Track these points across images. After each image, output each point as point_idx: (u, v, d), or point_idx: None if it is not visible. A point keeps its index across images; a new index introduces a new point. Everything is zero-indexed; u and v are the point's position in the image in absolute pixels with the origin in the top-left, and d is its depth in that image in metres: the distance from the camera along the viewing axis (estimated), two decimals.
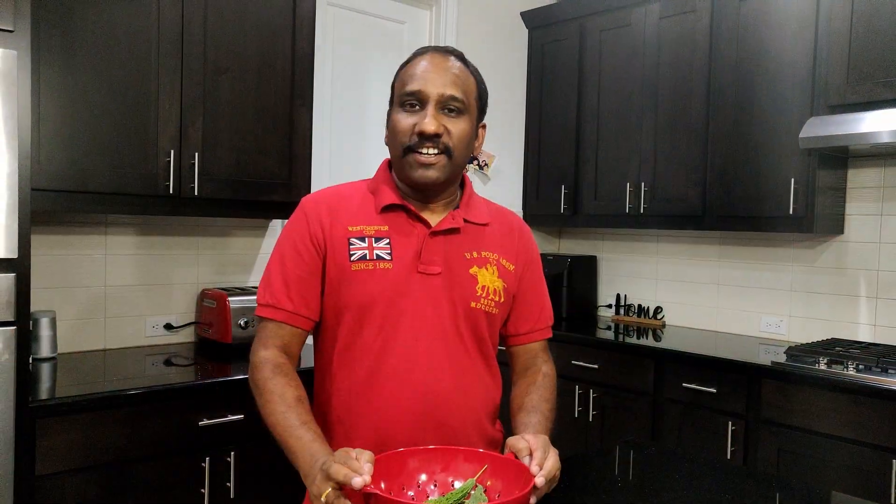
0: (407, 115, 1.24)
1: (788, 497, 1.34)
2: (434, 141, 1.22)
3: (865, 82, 2.47)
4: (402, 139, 1.24)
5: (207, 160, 2.31)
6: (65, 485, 1.83)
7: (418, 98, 1.23)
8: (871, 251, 2.81)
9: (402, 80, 1.27)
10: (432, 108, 1.22)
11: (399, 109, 1.26)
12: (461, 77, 1.26)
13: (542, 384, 1.36)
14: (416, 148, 1.23)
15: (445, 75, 1.24)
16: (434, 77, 1.23)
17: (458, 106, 1.24)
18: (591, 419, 3.00)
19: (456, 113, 1.24)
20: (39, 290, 2.29)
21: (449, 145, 1.23)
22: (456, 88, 1.24)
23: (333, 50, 3.07)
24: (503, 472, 1.07)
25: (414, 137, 1.23)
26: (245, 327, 2.45)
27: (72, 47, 2.06)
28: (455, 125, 1.24)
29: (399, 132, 1.24)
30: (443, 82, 1.23)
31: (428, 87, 1.23)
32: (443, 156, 1.23)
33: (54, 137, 2.03)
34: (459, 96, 1.24)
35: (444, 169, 1.24)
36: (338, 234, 1.27)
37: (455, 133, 1.24)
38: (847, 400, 2.28)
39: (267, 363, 1.24)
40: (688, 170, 3.05)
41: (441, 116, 1.23)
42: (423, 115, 1.22)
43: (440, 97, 1.23)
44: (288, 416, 1.17)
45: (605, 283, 3.76)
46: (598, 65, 3.41)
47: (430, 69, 1.24)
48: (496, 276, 1.32)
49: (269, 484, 2.19)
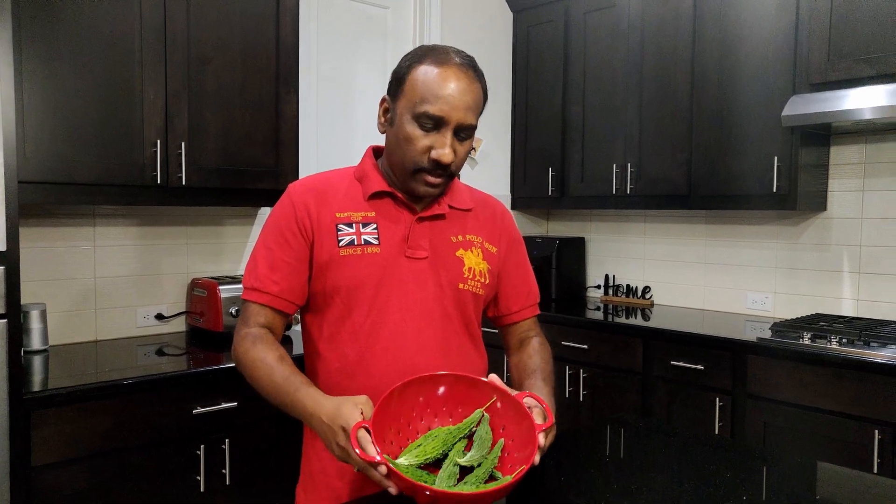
0: (423, 134, 1.22)
1: (775, 469, 1.38)
2: (445, 169, 1.24)
3: (846, 60, 2.49)
4: (416, 157, 1.23)
5: (194, 149, 2.31)
6: (61, 475, 1.84)
7: (437, 122, 1.21)
8: (853, 227, 2.85)
9: (421, 93, 1.21)
10: (451, 137, 1.22)
11: (414, 124, 1.22)
12: (478, 100, 1.25)
13: (541, 350, 1.42)
14: (427, 171, 1.24)
15: (467, 99, 1.22)
16: (457, 103, 1.21)
17: (470, 133, 1.26)
18: (582, 399, 3.03)
19: (466, 138, 1.26)
20: (29, 282, 2.29)
21: (454, 170, 1.26)
22: (474, 116, 1.24)
23: (318, 36, 3.06)
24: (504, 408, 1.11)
25: (427, 161, 1.22)
26: (236, 315, 2.45)
27: (54, 38, 2.04)
28: (463, 147, 1.26)
29: (413, 150, 1.23)
30: (464, 108, 1.21)
31: (451, 115, 1.20)
32: (447, 178, 1.27)
33: (39, 130, 2.02)
34: (474, 123, 1.25)
35: (446, 185, 1.29)
36: (325, 221, 1.28)
37: (461, 155, 1.26)
38: (830, 373, 2.33)
39: (247, 337, 1.26)
40: (673, 150, 3.07)
41: (454, 142, 1.23)
42: (440, 141, 1.21)
43: (459, 125, 1.22)
44: (274, 377, 1.20)
45: (594, 265, 3.79)
46: (583, 47, 3.42)
47: (456, 94, 1.21)
48: (481, 259, 1.36)
49: (265, 470, 2.21)
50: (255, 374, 1.23)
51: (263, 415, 2.20)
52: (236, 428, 2.14)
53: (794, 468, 1.39)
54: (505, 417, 1.11)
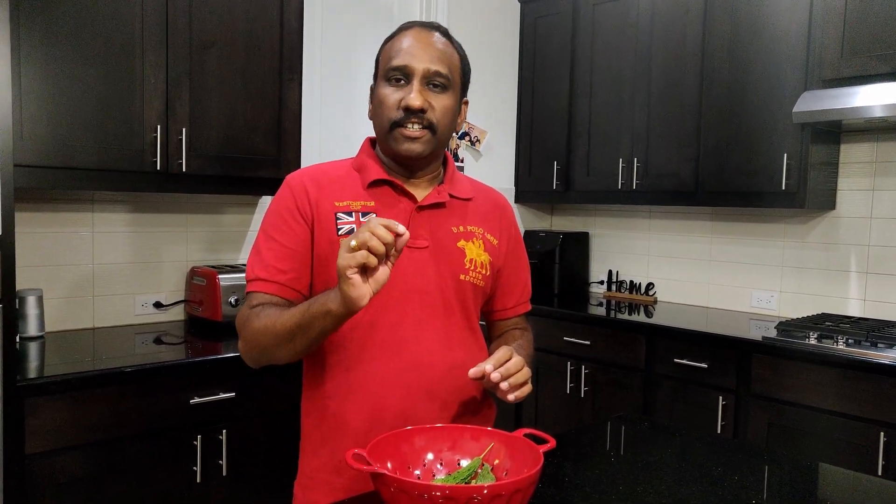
0: (393, 89, 1.25)
1: (778, 469, 1.35)
2: (419, 116, 1.23)
3: (859, 56, 2.45)
4: (389, 114, 1.25)
5: (195, 136, 2.28)
6: (55, 463, 1.82)
7: (403, 73, 1.24)
8: (862, 226, 2.82)
9: (388, 55, 1.26)
10: (418, 84, 1.23)
11: (384, 84, 1.26)
12: (446, 53, 1.27)
13: (522, 335, 1.41)
14: (401, 123, 1.24)
15: (431, 51, 1.25)
16: (420, 52, 1.24)
17: (443, 81, 1.25)
18: (583, 395, 3.01)
19: (440, 88, 1.26)
20: (26, 268, 2.27)
21: (433, 121, 1.25)
22: (441, 64, 1.25)
23: (322, 23, 3.02)
24: (511, 450, 1.07)
25: (399, 112, 1.23)
26: (235, 305, 2.43)
27: (53, 19, 2.00)
28: (439, 101, 1.25)
29: (385, 107, 1.25)
30: (428, 58, 1.24)
31: (413, 63, 1.23)
32: (427, 131, 1.25)
33: (37, 113, 1.99)
34: (444, 72, 1.25)
35: (429, 143, 1.26)
36: (325, 210, 1.27)
37: (439, 108, 1.25)
38: (836, 374, 2.30)
39: (251, 312, 1.21)
40: (680, 145, 3.04)
41: (426, 92, 1.24)
42: (409, 90, 1.23)
43: (425, 72, 1.23)
44: (285, 313, 1.15)
45: (597, 260, 3.76)
46: (590, 39, 3.38)
47: (416, 45, 1.24)
48: (482, 250, 1.34)
49: (262, 462, 2.19)
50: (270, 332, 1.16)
51: (261, 406, 2.18)
52: (234, 419, 2.12)
53: (797, 469, 1.36)
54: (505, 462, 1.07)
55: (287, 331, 1.14)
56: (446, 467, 1.08)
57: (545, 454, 1.01)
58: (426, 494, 0.89)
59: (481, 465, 1.06)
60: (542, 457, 0.99)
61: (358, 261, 1.00)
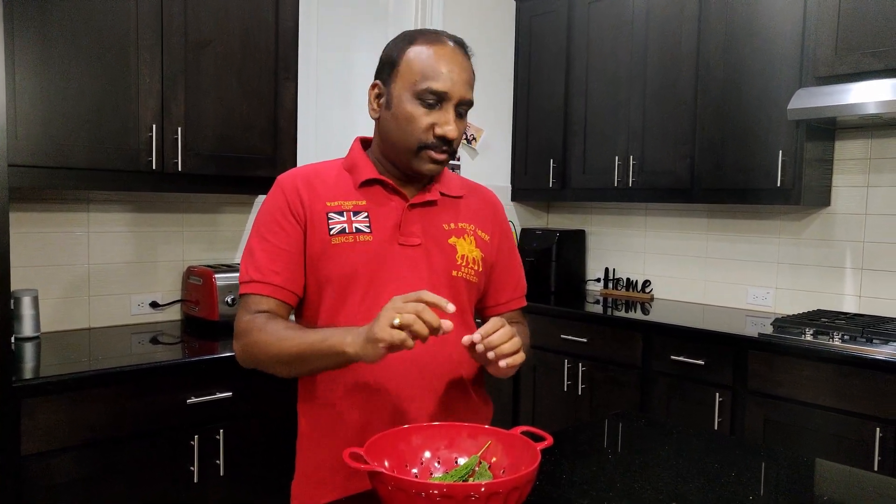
0: (425, 111, 1.22)
1: (774, 465, 1.36)
2: (450, 144, 1.24)
3: (854, 53, 2.46)
4: (419, 135, 1.23)
5: (190, 135, 2.27)
6: (51, 465, 1.81)
7: (440, 97, 1.22)
8: (857, 223, 2.83)
9: (423, 73, 1.22)
10: (454, 113, 1.23)
11: (415, 102, 1.22)
12: (473, 76, 1.28)
13: (519, 328, 1.40)
14: (432, 147, 1.24)
15: (465, 76, 1.24)
16: (458, 78, 1.23)
17: (467, 108, 1.27)
18: (581, 393, 3.01)
19: (464, 114, 1.27)
20: (21, 268, 2.26)
21: (455, 147, 1.27)
22: (471, 91, 1.27)
23: (318, 22, 3.01)
24: (508, 448, 1.07)
25: (432, 137, 1.23)
26: (232, 304, 2.43)
27: (47, 18, 1.99)
28: (462, 125, 1.26)
29: (416, 127, 1.23)
30: (464, 84, 1.24)
31: (454, 90, 1.22)
32: (448, 154, 1.26)
33: (31, 112, 1.98)
34: (471, 98, 1.26)
35: (447, 162, 1.28)
36: (317, 209, 1.27)
37: (460, 132, 1.26)
38: (832, 370, 2.30)
39: (255, 320, 1.22)
40: (676, 143, 3.04)
41: (455, 119, 1.24)
42: (444, 118, 1.22)
43: (461, 100, 1.24)
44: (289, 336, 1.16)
45: (594, 257, 3.76)
46: (586, 37, 3.38)
47: (455, 69, 1.23)
48: (474, 246, 1.35)
49: (259, 461, 2.19)
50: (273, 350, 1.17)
51: (258, 406, 2.17)
52: (231, 418, 2.12)
53: (793, 465, 1.36)
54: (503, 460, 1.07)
55: (289, 356, 1.15)
56: (444, 465, 1.08)
57: (542, 452, 1.01)
58: (423, 493, 0.89)
59: (479, 463, 1.06)
60: (540, 454, 0.99)
61: (395, 341, 1.00)
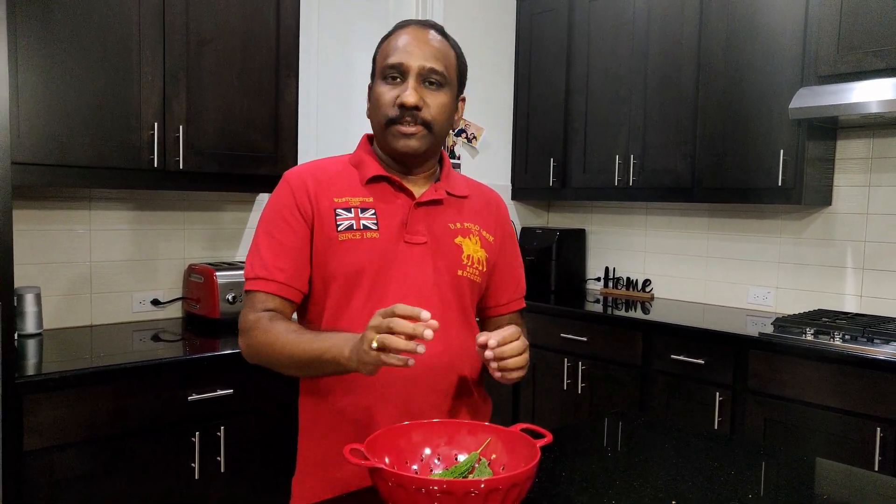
0: (389, 87, 1.26)
1: (774, 465, 1.36)
2: (414, 114, 1.24)
3: (856, 52, 2.46)
4: (385, 111, 1.26)
5: (192, 133, 2.28)
6: (53, 460, 1.82)
7: (399, 71, 1.25)
8: (858, 222, 2.83)
9: (384, 53, 1.28)
10: (413, 81, 1.24)
11: (381, 82, 1.27)
12: (441, 50, 1.28)
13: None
14: (397, 120, 1.25)
15: (426, 48, 1.26)
16: (415, 50, 1.25)
17: (438, 79, 1.26)
18: (581, 392, 3.02)
19: (436, 86, 1.27)
20: (23, 265, 2.26)
21: (428, 119, 1.26)
22: (436, 61, 1.26)
23: (319, 20, 3.01)
24: (508, 445, 1.07)
25: (395, 110, 1.25)
26: (233, 302, 2.43)
27: (50, 16, 2.00)
28: (435, 98, 1.26)
29: (382, 105, 1.26)
30: (424, 55, 1.25)
31: (409, 60, 1.24)
32: (422, 127, 1.26)
33: (34, 110, 1.99)
34: (440, 69, 1.26)
35: (425, 140, 1.27)
36: (324, 205, 1.27)
37: (434, 106, 1.26)
38: (833, 370, 2.31)
39: (260, 320, 1.23)
40: (677, 142, 3.04)
41: (421, 89, 1.25)
42: (405, 88, 1.24)
43: (421, 70, 1.25)
44: (295, 340, 1.18)
45: (594, 256, 3.76)
46: (587, 35, 3.37)
47: (412, 42, 1.25)
48: (479, 247, 1.35)
49: (260, 458, 2.19)
50: (275, 350, 1.19)
51: (259, 403, 2.18)
52: (232, 415, 2.12)
53: (793, 465, 1.37)
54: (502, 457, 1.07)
55: (290, 361, 1.18)
56: (444, 462, 1.08)
57: (542, 449, 1.01)
58: (423, 489, 0.90)
59: (478, 460, 1.06)
60: (539, 452, 1.00)
61: (381, 364, 1.01)
